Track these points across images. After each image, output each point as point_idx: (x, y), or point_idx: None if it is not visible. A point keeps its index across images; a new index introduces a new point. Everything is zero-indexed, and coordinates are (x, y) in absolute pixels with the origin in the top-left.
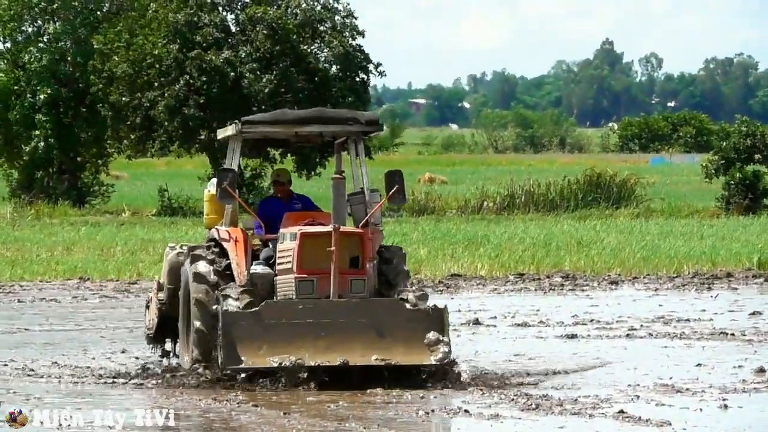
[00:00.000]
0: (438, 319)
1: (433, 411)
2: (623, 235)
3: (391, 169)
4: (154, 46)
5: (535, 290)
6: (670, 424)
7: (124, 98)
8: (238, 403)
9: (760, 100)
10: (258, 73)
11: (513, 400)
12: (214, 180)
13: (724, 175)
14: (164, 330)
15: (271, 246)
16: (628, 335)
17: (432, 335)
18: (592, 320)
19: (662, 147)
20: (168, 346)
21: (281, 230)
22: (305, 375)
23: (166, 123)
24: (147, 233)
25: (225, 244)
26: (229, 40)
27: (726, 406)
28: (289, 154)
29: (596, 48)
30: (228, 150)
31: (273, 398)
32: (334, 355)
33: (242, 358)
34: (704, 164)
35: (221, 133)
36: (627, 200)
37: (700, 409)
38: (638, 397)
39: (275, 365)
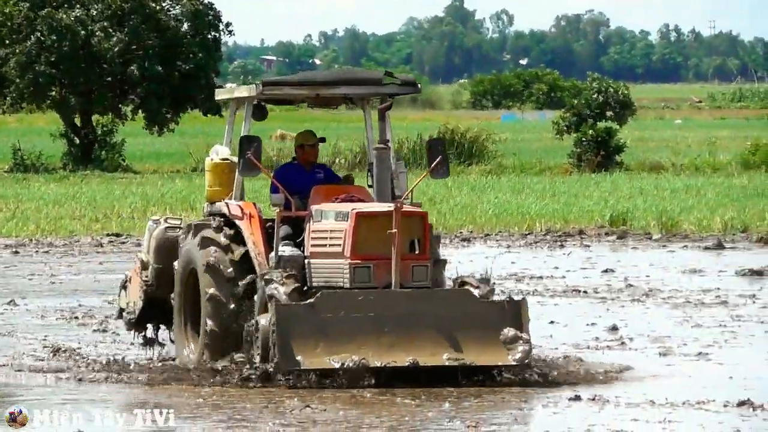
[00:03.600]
0: (515, 314)
1: None
2: (475, 192)
3: (433, 137)
4: (5, 4)
5: None
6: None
7: None
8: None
9: (611, 57)
10: (109, 31)
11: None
12: (218, 147)
13: (575, 131)
14: (148, 314)
15: (280, 224)
16: None
17: (509, 331)
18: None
19: (514, 104)
20: (150, 332)
21: (314, 207)
22: (368, 376)
23: (17, 80)
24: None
25: (238, 222)
26: None
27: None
28: (140, 110)
29: (447, 5)
30: (231, 114)
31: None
32: (401, 354)
33: (298, 359)
34: (555, 121)
35: (223, 94)
36: (479, 157)
37: None
38: None
39: (336, 366)
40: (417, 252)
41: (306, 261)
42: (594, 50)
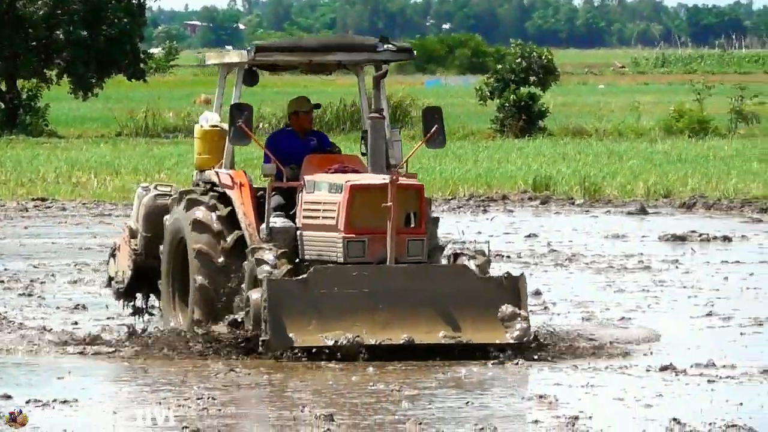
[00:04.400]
0: (513, 290)
1: None
2: None
3: (430, 105)
4: None
5: None
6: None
7: None
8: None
9: (534, 22)
10: None
11: None
12: (207, 114)
13: (499, 97)
14: (137, 283)
15: (274, 194)
16: None
17: (507, 309)
18: None
19: (438, 69)
20: (139, 302)
21: (306, 177)
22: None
23: None
24: None
25: (228, 192)
26: None
27: None
28: (65, 75)
29: None
30: (221, 80)
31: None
32: (396, 331)
33: (291, 336)
34: (479, 87)
35: (214, 59)
36: (403, 122)
37: None
38: None
39: (330, 344)
40: (413, 226)
41: (298, 233)
42: (517, 15)
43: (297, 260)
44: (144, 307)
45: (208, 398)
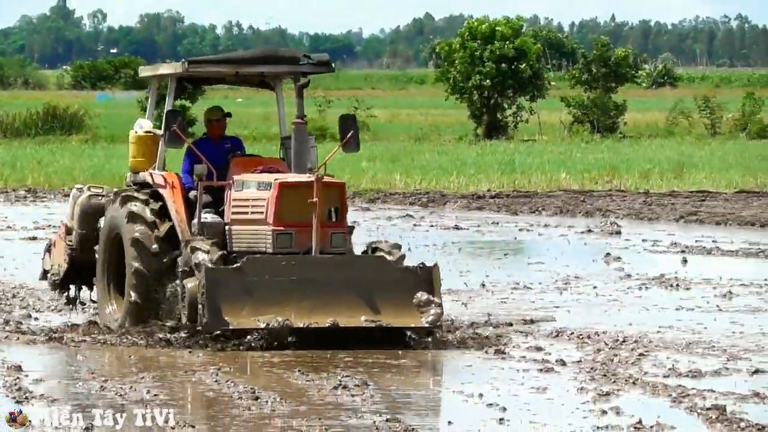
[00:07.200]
0: (427, 279)
1: None
2: (75, 156)
3: (345, 113)
4: None
5: (4, 201)
6: None
7: None
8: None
9: (185, 47)
10: None
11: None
12: (141, 121)
13: (156, 108)
14: (72, 275)
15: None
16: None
17: (422, 295)
18: (50, 225)
19: (107, 85)
20: (72, 293)
21: (234, 177)
22: (290, 337)
23: None
24: None
25: (161, 191)
26: None
27: None
28: None
29: (52, 5)
30: (153, 90)
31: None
32: (322, 316)
33: (226, 319)
34: (140, 100)
35: (147, 71)
36: (78, 129)
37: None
38: None
39: (262, 326)
40: (335, 220)
41: (226, 228)
42: (171, 41)
43: (225, 252)
44: (77, 296)
45: None
